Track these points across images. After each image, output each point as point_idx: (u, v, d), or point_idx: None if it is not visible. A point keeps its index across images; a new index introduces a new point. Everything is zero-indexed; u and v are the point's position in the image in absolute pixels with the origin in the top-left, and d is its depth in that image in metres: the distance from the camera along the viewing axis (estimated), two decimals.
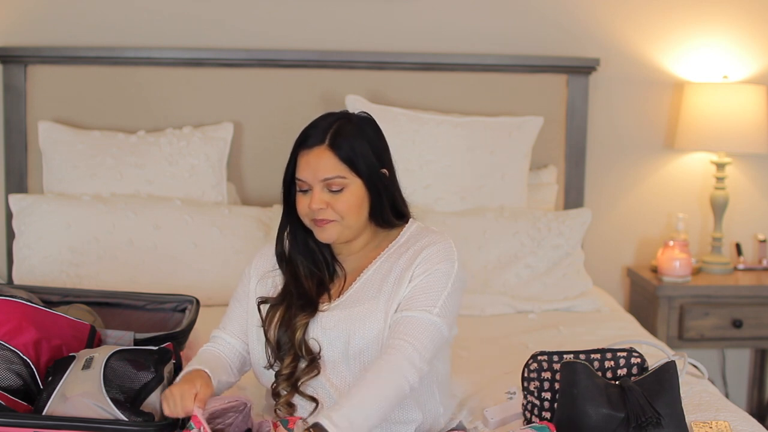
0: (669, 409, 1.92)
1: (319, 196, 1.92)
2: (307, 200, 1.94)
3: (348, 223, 1.94)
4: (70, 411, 1.81)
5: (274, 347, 1.95)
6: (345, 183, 1.93)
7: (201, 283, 3.02)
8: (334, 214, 1.93)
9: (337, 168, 1.92)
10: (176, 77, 3.40)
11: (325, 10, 3.47)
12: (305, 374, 1.91)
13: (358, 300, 1.94)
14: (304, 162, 1.94)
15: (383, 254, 1.99)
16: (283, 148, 3.38)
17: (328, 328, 1.93)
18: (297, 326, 1.92)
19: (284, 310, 1.95)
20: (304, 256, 2.00)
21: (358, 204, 1.94)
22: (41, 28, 3.38)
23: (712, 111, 3.45)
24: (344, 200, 1.92)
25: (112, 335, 2.26)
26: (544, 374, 2.06)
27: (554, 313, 3.06)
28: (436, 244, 1.95)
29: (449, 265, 1.94)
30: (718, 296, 3.43)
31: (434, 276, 1.91)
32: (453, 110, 3.44)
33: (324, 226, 1.94)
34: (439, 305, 1.89)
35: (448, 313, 1.90)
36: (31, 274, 3.00)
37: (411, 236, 2.01)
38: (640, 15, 3.59)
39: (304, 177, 1.93)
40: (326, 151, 1.92)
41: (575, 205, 3.53)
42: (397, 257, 1.97)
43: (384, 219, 1.99)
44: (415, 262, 1.93)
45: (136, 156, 3.21)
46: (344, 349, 1.91)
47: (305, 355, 1.92)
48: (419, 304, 1.88)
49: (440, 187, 3.25)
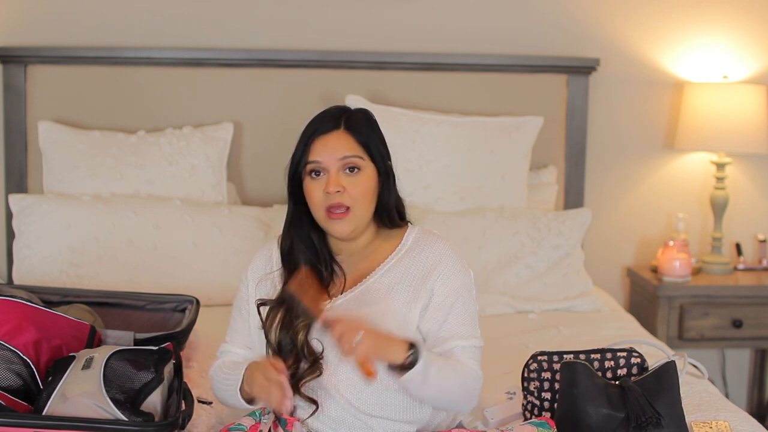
0: (669, 409, 1.92)
1: (336, 178, 1.92)
2: (321, 185, 1.93)
3: (358, 212, 1.94)
4: (70, 411, 1.81)
5: (275, 349, 1.93)
6: (362, 164, 1.94)
7: (201, 283, 3.02)
8: (349, 199, 1.92)
9: (355, 149, 1.94)
10: (176, 77, 3.40)
11: (325, 10, 3.47)
12: (307, 375, 1.90)
13: (366, 302, 1.94)
14: (321, 145, 1.94)
15: (391, 258, 1.99)
16: (283, 148, 3.38)
17: None
18: (299, 327, 1.91)
19: (285, 311, 1.94)
20: (307, 253, 1.99)
21: (371, 190, 1.95)
22: (41, 28, 3.38)
23: (712, 111, 3.45)
24: (360, 183, 1.93)
25: (112, 335, 2.27)
26: (544, 374, 2.07)
27: (554, 313, 3.06)
28: (448, 257, 1.98)
29: (467, 278, 1.99)
30: (718, 296, 3.43)
31: (463, 299, 1.96)
32: (453, 110, 3.44)
33: (338, 219, 1.93)
34: (478, 325, 1.99)
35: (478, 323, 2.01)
36: (31, 274, 3.00)
37: (415, 241, 2.01)
38: (640, 15, 3.59)
39: (320, 158, 1.93)
40: (344, 134, 1.95)
41: (575, 205, 3.53)
42: (408, 263, 1.98)
43: (389, 216, 2.00)
44: (432, 276, 1.95)
45: (136, 156, 3.21)
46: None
47: (307, 356, 1.91)
48: (465, 332, 1.95)
49: (440, 187, 3.25)
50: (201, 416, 2.12)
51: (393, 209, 2.01)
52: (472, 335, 1.95)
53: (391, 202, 2.00)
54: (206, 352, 2.54)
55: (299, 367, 1.91)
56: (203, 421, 2.10)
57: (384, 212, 2.00)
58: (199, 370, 2.42)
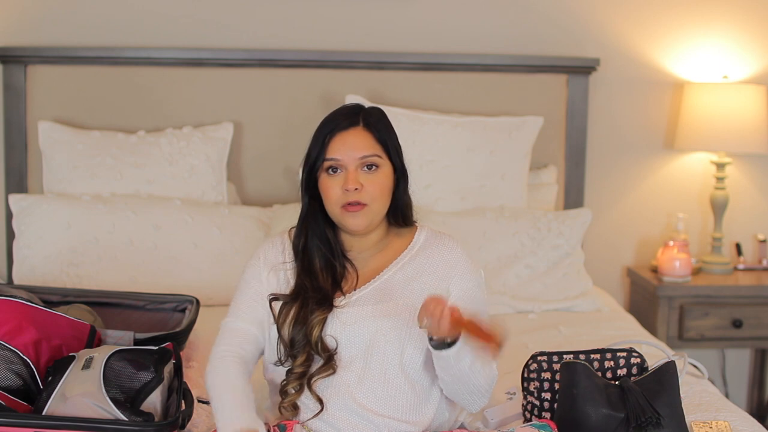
0: (669, 409, 1.92)
1: (355, 175, 1.93)
2: (339, 182, 1.93)
3: (375, 209, 1.95)
4: (70, 411, 1.81)
5: (288, 345, 1.91)
6: (380, 162, 1.95)
7: (201, 283, 3.02)
8: (367, 196, 1.93)
9: (374, 147, 1.95)
10: (176, 77, 3.40)
11: (325, 10, 3.47)
12: (319, 372, 1.89)
13: (382, 298, 1.94)
14: (340, 142, 1.94)
15: (405, 255, 2.00)
16: (284, 148, 3.43)
17: (349, 324, 1.91)
18: (314, 323, 1.90)
19: (299, 306, 1.93)
20: (322, 248, 1.99)
21: (388, 188, 1.96)
22: (41, 28, 3.38)
23: (712, 111, 3.45)
24: (378, 181, 1.94)
25: (112, 335, 2.27)
26: (544, 374, 2.07)
27: (554, 313, 3.06)
28: (462, 257, 2.01)
29: (480, 278, 2.02)
30: (718, 296, 3.43)
31: (479, 298, 2.00)
32: (453, 110, 3.44)
33: (355, 213, 1.93)
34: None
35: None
36: (31, 274, 3.00)
37: (427, 240, 2.03)
38: (640, 15, 3.59)
39: (339, 156, 1.93)
40: (363, 131, 1.95)
41: (575, 205, 3.53)
42: (423, 261, 1.99)
43: (402, 214, 2.02)
44: (448, 276, 1.98)
45: (136, 156, 3.21)
46: (365, 346, 1.90)
47: (321, 352, 1.89)
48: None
49: (440, 187, 3.25)
50: (201, 416, 2.11)
51: (406, 207, 2.03)
52: None
53: (405, 200, 2.02)
54: (206, 352, 2.52)
55: (311, 365, 1.90)
56: (203, 421, 2.10)
57: (398, 210, 2.02)
58: (199, 370, 2.42)
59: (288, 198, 3.36)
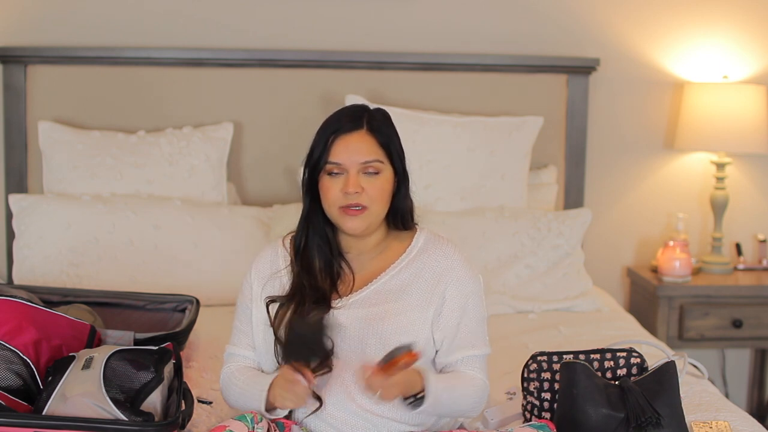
0: (669, 409, 1.92)
1: (356, 179, 1.92)
2: (339, 185, 1.93)
3: (374, 211, 1.94)
4: (70, 411, 1.81)
5: (284, 345, 1.92)
6: (381, 167, 1.95)
7: (201, 283, 3.02)
8: (367, 199, 1.93)
9: (377, 152, 1.94)
10: (176, 77, 3.40)
11: (325, 10, 3.47)
12: (317, 371, 1.88)
13: (378, 301, 1.95)
14: (342, 145, 1.93)
15: (402, 259, 2.00)
16: (283, 148, 3.43)
17: (345, 327, 1.91)
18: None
19: (295, 307, 1.93)
20: (322, 248, 1.99)
21: (388, 192, 1.96)
22: (41, 28, 3.38)
23: (712, 111, 3.45)
24: (378, 185, 1.93)
25: (112, 335, 2.27)
26: (543, 374, 2.07)
27: (554, 313, 3.06)
28: (459, 263, 2.00)
29: (478, 284, 2.01)
30: (718, 296, 3.43)
31: (475, 305, 1.99)
32: (453, 110, 3.44)
33: (354, 215, 1.93)
34: (486, 331, 2.03)
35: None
36: (31, 274, 3.00)
37: (425, 244, 2.02)
38: (640, 15, 3.59)
39: (341, 160, 1.93)
40: (366, 135, 1.94)
41: (575, 205, 3.53)
42: (419, 266, 1.99)
43: (402, 217, 2.02)
44: (444, 282, 1.97)
45: (136, 156, 3.21)
46: (361, 348, 1.91)
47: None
48: (475, 341, 1.99)
49: (440, 187, 3.25)
50: (201, 416, 2.11)
51: (406, 211, 2.03)
52: (482, 344, 1.99)
53: (405, 204, 2.02)
54: (206, 352, 2.54)
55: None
56: (203, 421, 2.10)
57: (397, 213, 2.01)
58: (199, 370, 2.42)
59: (288, 198, 3.36)
